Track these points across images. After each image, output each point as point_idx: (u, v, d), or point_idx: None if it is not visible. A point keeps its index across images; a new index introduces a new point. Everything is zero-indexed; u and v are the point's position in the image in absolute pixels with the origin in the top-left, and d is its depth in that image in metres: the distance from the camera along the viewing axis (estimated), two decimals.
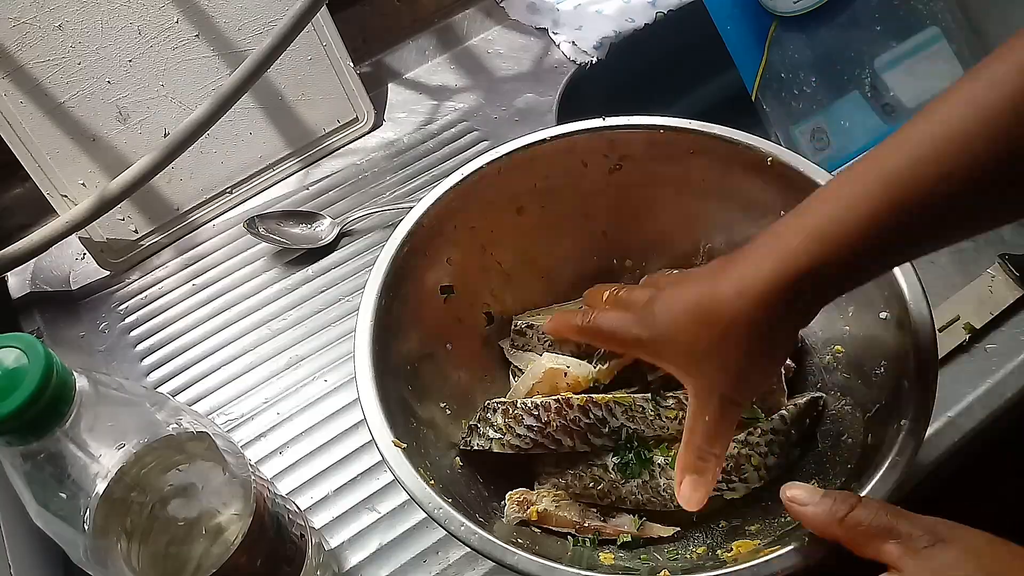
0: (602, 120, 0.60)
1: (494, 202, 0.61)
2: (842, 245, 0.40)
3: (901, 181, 0.39)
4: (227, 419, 0.68)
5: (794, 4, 0.78)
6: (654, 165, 0.61)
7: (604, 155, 0.61)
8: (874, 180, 0.40)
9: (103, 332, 0.75)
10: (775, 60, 0.79)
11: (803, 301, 0.43)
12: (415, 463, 0.47)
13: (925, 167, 0.38)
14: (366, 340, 0.52)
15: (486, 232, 0.61)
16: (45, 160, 0.74)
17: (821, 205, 0.42)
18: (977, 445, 0.63)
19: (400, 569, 0.59)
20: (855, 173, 0.41)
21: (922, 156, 0.38)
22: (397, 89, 0.92)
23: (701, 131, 0.60)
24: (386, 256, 0.55)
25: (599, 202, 0.63)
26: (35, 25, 0.71)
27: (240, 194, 0.83)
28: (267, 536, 0.47)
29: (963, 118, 0.38)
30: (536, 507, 0.52)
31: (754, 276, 0.42)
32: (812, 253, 0.41)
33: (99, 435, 0.39)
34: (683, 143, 0.60)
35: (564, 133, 0.60)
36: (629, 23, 0.93)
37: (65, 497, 0.38)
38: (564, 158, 0.61)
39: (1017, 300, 0.67)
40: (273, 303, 0.75)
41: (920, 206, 0.39)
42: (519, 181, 0.61)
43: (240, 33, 0.79)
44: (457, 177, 0.59)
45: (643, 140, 0.61)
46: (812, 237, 0.41)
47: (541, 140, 0.60)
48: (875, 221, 0.40)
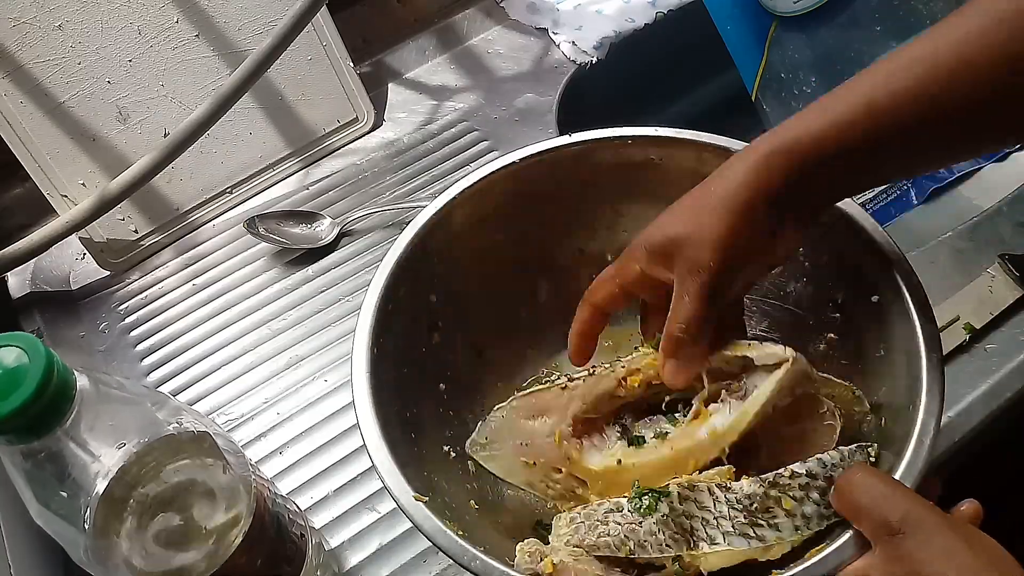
0: (569, 136, 0.60)
1: (469, 230, 0.60)
2: (816, 164, 0.44)
3: (873, 110, 0.43)
4: (227, 419, 0.68)
5: (794, 4, 0.78)
6: (623, 174, 0.61)
7: (574, 171, 0.61)
8: (843, 109, 0.43)
9: (103, 332, 0.75)
10: (775, 60, 0.79)
11: (778, 210, 0.45)
12: (439, 515, 0.46)
13: (904, 99, 0.42)
14: (366, 401, 0.50)
15: (465, 262, 0.60)
16: (45, 160, 0.74)
17: (792, 125, 0.45)
18: (977, 445, 0.63)
19: (400, 569, 0.59)
20: (826, 100, 0.45)
21: (898, 88, 0.42)
22: (397, 89, 0.92)
23: (664, 136, 0.60)
24: (368, 308, 0.54)
25: (571, 217, 0.63)
26: (35, 25, 0.71)
27: (240, 194, 0.83)
28: (267, 536, 0.47)
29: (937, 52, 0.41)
30: (551, 559, 0.48)
31: (734, 191, 0.45)
32: (782, 168, 0.44)
33: (100, 434, 0.39)
34: (647, 150, 0.60)
35: (534, 153, 0.60)
36: (629, 23, 0.93)
37: (66, 496, 0.39)
38: (535, 178, 0.61)
39: (1017, 300, 0.67)
40: (273, 303, 0.75)
41: (890, 134, 0.43)
42: (489, 207, 0.60)
43: (240, 33, 0.79)
44: (430, 211, 0.58)
45: (611, 151, 0.61)
46: (783, 155, 0.45)
47: (511, 163, 0.60)
48: (847, 144, 0.43)
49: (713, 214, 0.46)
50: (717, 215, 0.46)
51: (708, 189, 0.47)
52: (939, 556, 0.37)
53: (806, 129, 0.44)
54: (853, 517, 0.42)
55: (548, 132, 0.85)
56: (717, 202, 0.46)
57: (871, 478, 0.42)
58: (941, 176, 0.86)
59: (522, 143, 0.83)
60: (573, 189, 0.62)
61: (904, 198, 0.86)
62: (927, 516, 0.39)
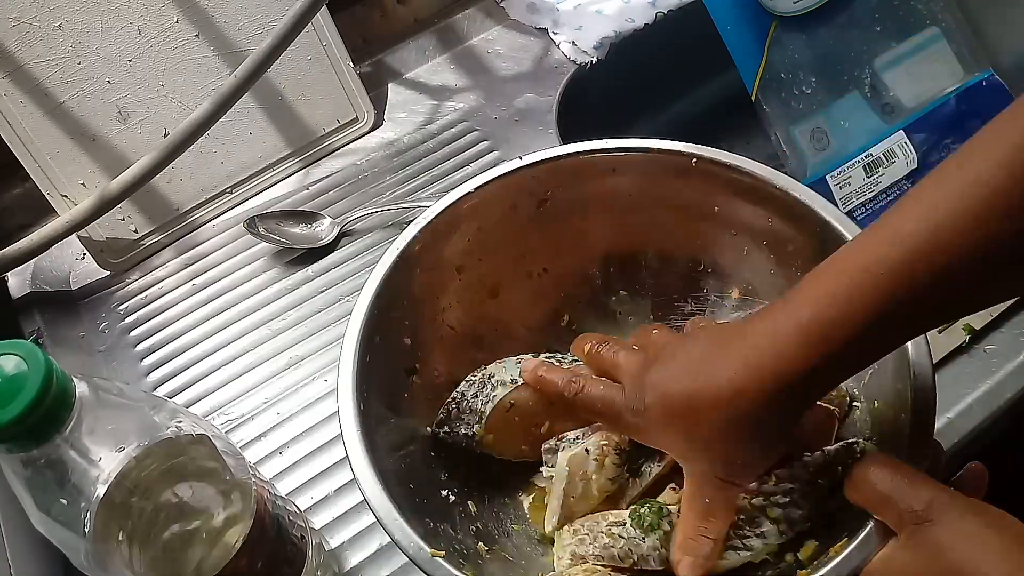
0: (520, 159, 0.59)
1: (436, 267, 0.59)
2: (843, 344, 0.39)
3: (891, 276, 0.38)
4: (227, 419, 0.68)
5: (794, 4, 0.78)
6: (578, 190, 0.60)
7: (529, 193, 0.60)
8: (857, 277, 0.39)
9: (103, 332, 0.75)
10: (775, 60, 0.79)
11: (803, 395, 0.42)
12: (457, 566, 0.45)
13: (918, 262, 0.37)
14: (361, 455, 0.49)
15: (432, 301, 0.59)
16: (45, 160, 0.74)
17: (816, 301, 0.40)
18: (977, 446, 0.63)
19: (400, 569, 0.59)
20: (834, 267, 0.40)
21: (912, 252, 0.37)
22: (397, 89, 0.92)
23: (617, 148, 0.59)
24: (349, 350, 0.52)
25: (532, 240, 0.62)
26: (35, 25, 0.71)
27: (240, 194, 0.83)
28: (268, 538, 0.47)
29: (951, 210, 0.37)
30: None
31: (751, 376, 0.41)
32: (810, 353, 0.40)
33: (99, 439, 0.39)
34: (601, 163, 0.59)
35: (487, 181, 0.59)
36: (629, 23, 0.93)
37: (66, 502, 0.39)
38: (492, 207, 0.60)
39: (1017, 300, 0.67)
40: (273, 303, 0.75)
41: (912, 303, 0.38)
42: (454, 240, 0.59)
43: (240, 33, 0.79)
44: (394, 252, 0.56)
45: (566, 169, 0.60)
46: (810, 337, 0.40)
47: (466, 194, 0.58)
48: (861, 321, 0.39)
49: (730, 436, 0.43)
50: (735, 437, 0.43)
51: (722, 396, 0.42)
52: (968, 540, 0.37)
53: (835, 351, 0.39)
54: (874, 508, 0.41)
55: (548, 132, 0.85)
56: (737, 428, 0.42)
57: (888, 468, 0.41)
58: None
59: (522, 143, 0.84)
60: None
61: None
62: (952, 501, 0.39)
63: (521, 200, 0.60)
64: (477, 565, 0.48)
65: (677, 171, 0.58)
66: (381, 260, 0.56)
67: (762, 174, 0.56)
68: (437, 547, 0.46)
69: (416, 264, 0.58)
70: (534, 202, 0.60)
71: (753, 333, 0.42)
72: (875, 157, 0.77)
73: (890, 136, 0.78)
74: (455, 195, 0.58)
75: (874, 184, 0.77)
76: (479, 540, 0.52)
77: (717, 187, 0.58)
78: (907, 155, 0.77)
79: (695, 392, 0.43)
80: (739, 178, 0.57)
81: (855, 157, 0.77)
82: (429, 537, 0.47)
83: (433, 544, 0.46)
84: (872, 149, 0.77)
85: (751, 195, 0.57)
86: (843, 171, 0.77)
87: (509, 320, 0.62)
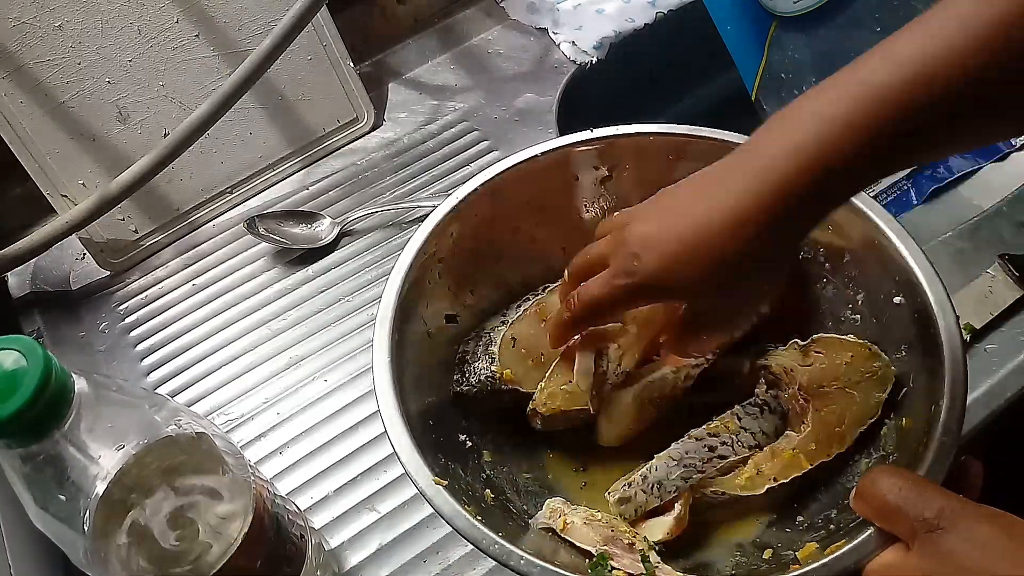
0: (591, 131, 0.60)
1: (492, 222, 0.60)
2: (829, 165, 0.39)
3: (890, 100, 0.38)
4: (227, 419, 0.68)
5: (794, 4, 0.78)
6: (641, 172, 0.61)
7: (594, 167, 0.61)
8: (861, 98, 0.39)
9: (103, 332, 0.75)
10: (775, 60, 0.79)
11: (805, 216, 0.42)
12: (459, 500, 0.46)
13: (915, 87, 0.37)
14: (387, 382, 0.51)
15: (484, 255, 0.61)
16: (45, 160, 0.74)
17: (803, 120, 0.40)
18: (977, 446, 0.63)
19: (400, 569, 0.59)
20: (838, 90, 0.40)
21: (912, 76, 0.37)
22: (397, 89, 0.92)
23: (686, 134, 0.60)
24: (391, 293, 0.54)
25: (591, 214, 0.63)
26: (35, 25, 0.71)
27: (240, 194, 0.83)
28: (267, 536, 0.47)
29: (952, 36, 0.37)
30: (566, 518, 0.51)
31: (754, 201, 0.41)
32: (800, 172, 0.40)
33: (98, 437, 0.39)
34: (668, 147, 0.60)
35: (555, 147, 0.60)
36: (629, 23, 0.93)
37: (65, 499, 0.39)
38: (556, 173, 0.61)
39: (1017, 300, 0.67)
40: (273, 303, 0.75)
41: (910, 125, 0.38)
42: (512, 200, 0.61)
43: (240, 33, 0.79)
44: (452, 201, 0.58)
45: (631, 147, 0.61)
46: (799, 156, 0.40)
47: (533, 156, 0.60)
48: (863, 140, 0.39)
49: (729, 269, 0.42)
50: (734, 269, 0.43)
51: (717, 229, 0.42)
52: (980, 546, 0.37)
53: (822, 171, 0.39)
54: (883, 519, 0.41)
55: (548, 132, 0.85)
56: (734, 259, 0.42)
57: (896, 478, 0.41)
58: (941, 176, 0.86)
59: (522, 143, 0.84)
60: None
61: (904, 198, 0.86)
62: (963, 509, 0.39)
63: (583, 172, 0.62)
64: (480, 507, 0.49)
65: None
66: (438, 208, 0.58)
67: None
68: (443, 479, 0.47)
69: (473, 216, 0.59)
70: (596, 177, 0.62)
71: (748, 162, 0.42)
72: None
73: None
74: (527, 154, 0.60)
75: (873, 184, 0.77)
76: (487, 487, 0.53)
77: None
78: None
79: (695, 229, 0.43)
80: None
81: None
82: (438, 470, 0.48)
83: (440, 477, 0.47)
84: None
85: None
86: None
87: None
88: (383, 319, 0.53)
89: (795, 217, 0.41)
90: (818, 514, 0.51)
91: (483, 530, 0.45)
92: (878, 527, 0.42)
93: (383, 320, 0.53)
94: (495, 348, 0.58)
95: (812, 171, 0.39)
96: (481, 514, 0.47)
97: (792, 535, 0.51)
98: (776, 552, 0.50)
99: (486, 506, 0.51)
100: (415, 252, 0.56)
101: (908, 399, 0.51)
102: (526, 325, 0.59)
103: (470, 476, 0.53)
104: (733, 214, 0.41)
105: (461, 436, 0.56)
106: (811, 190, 0.40)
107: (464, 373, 0.58)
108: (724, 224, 0.42)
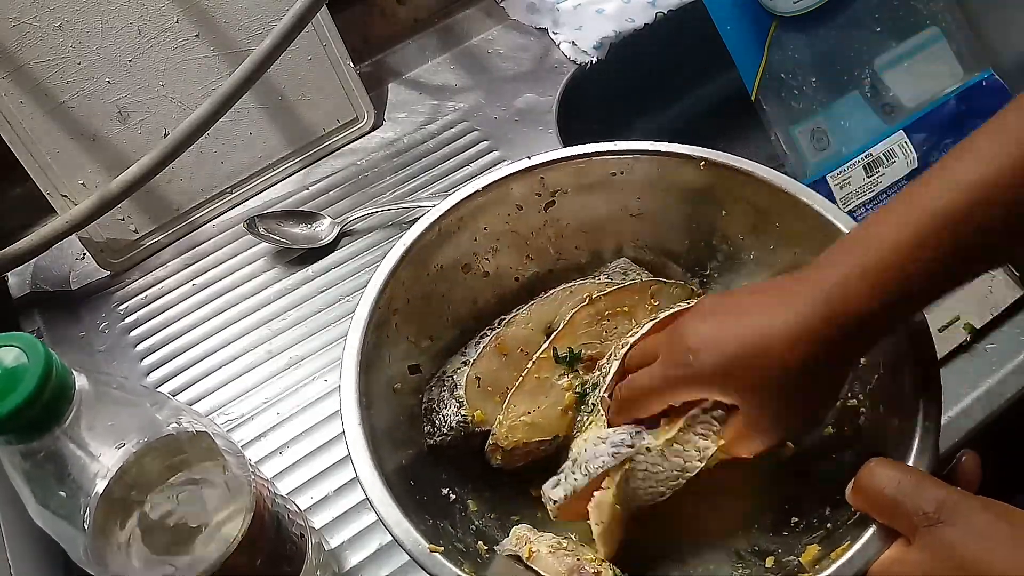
0: (528, 159, 0.60)
1: (441, 263, 0.60)
2: (898, 289, 0.41)
3: (956, 222, 0.39)
4: (227, 419, 0.68)
5: (794, 4, 0.78)
6: (583, 193, 0.61)
7: (536, 194, 0.61)
8: (925, 222, 0.40)
9: (103, 332, 0.75)
10: (775, 60, 0.79)
11: (866, 337, 0.43)
12: (455, 563, 0.46)
13: (981, 207, 0.39)
14: (362, 446, 0.49)
15: (438, 297, 0.60)
16: (45, 160, 0.74)
17: (868, 245, 0.42)
18: (977, 444, 0.62)
19: (400, 569, 0.59)
20: (897, 214, 0.41)
21: (977, 198, 0.39)
22: (397, 89, 0.92)
23: (624, 150, 0.59)
24: (351, 353, 0.52)
25: (540, 241, 0.63)
26: (35, 25, 0.71)
27: (240, 194, 0.83)
28: (267, 536, 0.47)
29: (1011, 156, 0.39)
30: (531, 546, 0.50)
31: (809, 316, 0.42)
32: (877, 295, 0.41)
33: (99, 434, 0.39)
34: (607, 165, 0.60)
35: (495, 180, 0.59)
36: (629, 23, 0.93)
37: (65, 496, 0.38)
38: (499, 206, 0.60)
39: (1017, 300, 0.67)
40: (273, 303, 0.75)
41: (974, 246, 0.40)
42: (460, 238, 0.60)
43: (240, 33, 0.79)
44: (400, 249, 0.57)
45: (569, 171, 0.60)
46: (866, 276, 0.41)
47: (475, 192, 0.59)
48: (926, 262, 0.40)
49: (789, 383, 0.43)
50: (794, 384, 0.43)
51: (779, 341, 0.42)
52: (980, 536, 0.37)
53: (890, 295, 0.41)
54: (883, 513, 0.41)
55: (548, 132, 0.85)
56: (794, 375, 0.42)
57: (894, 471, 0.41)
58: None
59: (522, 143, 0.84)
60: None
61: None
62: (961, 500, 0.39)
63: (527, 201, 0.61)
64: (476, 564, 0.48)
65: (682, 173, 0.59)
66: (387, 255, 0.57)
67: (769, 178, 0.56)
68: (436, 544, 0.46)
69: (424, 260, 0.58)
70: (539, 204, 0.61)
71: (817, 279, 0.43)
72: (875, 157, 0.77)
73: (890, 136, 0.78)
74: (461, 195, 0.59)
75: (874, 184, 0.77)
76: (479, 539, 0.52)
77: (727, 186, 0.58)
78: (907, 155, 0.77)
79: (759, 335, 0.43)
80: (750, 183, 0.57)
81: (855, 157, 0.77)
82: (429, 534, 0.47)
83: (432, 541, 0.46)
84: (872, 149, 0.77)
85: (762, 200, 0.57)
86: (843, 171, 0.77)
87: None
88: (347, 383, 0.51)
89: (856, 336, 0.42)
90: (811, 513, 0.50)
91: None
92: (878, 523, 0.42)
93: (348, 385, 0.51)
94: (461, 391, 0.56)
95: (878, 293, 0.41)
96: (479, 571, 0.46)
97: (790, 538, 0.50)
98: (778, 559, 0.49)
99: (482, 560, 0.51)
100: (371, 306, 0.54)
101: (882, 384, 0.51)
102: (487, 362, 0.57)
103: (460, 531, 0.52)
104: (799, 326, 0.42)
105: (444, 490, 0.55)
106: (876, 310, 0.41)
107: (434, 423, 0.56)
108: (789, 334, 0.42)
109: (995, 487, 0.44)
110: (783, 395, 0.44)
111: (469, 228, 0.60)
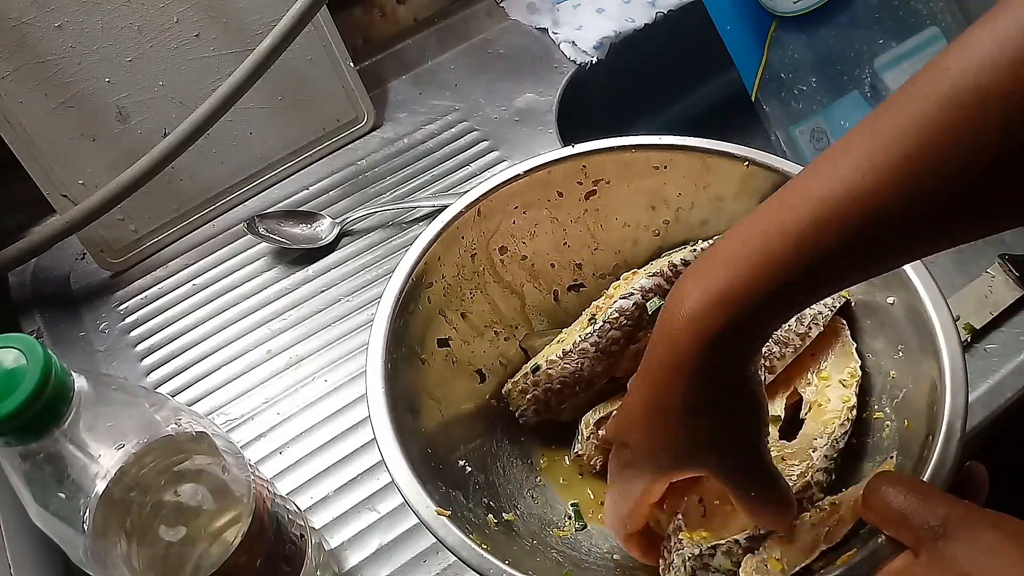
0: (572, 147, 0.60)
1: (476, 243, 0.60)
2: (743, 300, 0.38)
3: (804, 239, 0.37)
4: (227, 419, 0.68)
5: (794, 4, 0.78)
6: (626, 184, 0.61)
7: (578, 182, 0.61)
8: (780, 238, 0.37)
9: (103, 332, 0.75)
10: (775, 60, 0.79)
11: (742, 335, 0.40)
12: (463, 529, 0.46)
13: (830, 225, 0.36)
14: (383, 412, 0.50)
15: (471, 275, 0.61)
16: (45, 160, 0.74)
17: (718, 263, 0.39)
18: (977, 446, 0.63)
19: (400, 569, 0.59)
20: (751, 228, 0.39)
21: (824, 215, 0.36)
22: (397, 89, 0.92)
23: (670, 144, 0.59)
24: (382, 318, 0.53)
25: (577, 229, 0.63)
26: (35, 25, 0.71)
27: (240, 194, 0.83)
28: (266, 536, 0.47)
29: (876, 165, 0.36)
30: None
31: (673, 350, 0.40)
32: (743, 279, 0.38)
33: (98, 435, 0.39)
34: (651, 159, 0.60)
35: (538, 165, 0.60)
36: (629, 23, 0.93)
37: (64, 497, 0.39)
38: (540, 191, 0.61)
39: (1017, 300, 0.67)
40: (273, 303, 0.75)
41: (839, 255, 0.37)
42: (497, 220, 0.60)
43: (240, 33, 0.79)
44: (438, 225, 0.57)
45: (614, 161, 0.60)
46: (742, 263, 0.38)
47: (515, 176, 0.59)
48: (782, 284, 0.38)
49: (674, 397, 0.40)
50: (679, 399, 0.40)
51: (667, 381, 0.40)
52: (986, 553, 0.37)
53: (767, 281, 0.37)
54: (889, 526, 0.41)
55: (548, 132, 0.85)
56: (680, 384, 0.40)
57: (901, 484, 0.41)
58: None
59: (522, 143, 0.84)
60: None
61: None
62: (967, 515, 0.38)
63: (567, 188, 0.61)
64: (484, 535, 0.48)
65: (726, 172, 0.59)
66: (426, 229, 0.58)
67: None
68: (446, 510, 0.46)
69: (460, 238, 0.59)
70: (580, 192, 0.61)
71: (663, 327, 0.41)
72: None
73: None
74: (503, 176, 0.60)
75: None
76: (488, 512, 0.53)
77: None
78: None
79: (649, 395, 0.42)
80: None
81: None
82: (440, 500, 0.47)
83: (444, 507, 0.46)
84: None
85: None
86: None
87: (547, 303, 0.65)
88: (375, 349, 0.52)
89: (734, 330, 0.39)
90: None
91: (489, 559, 0.45)
92: (887, 535, 0.42)
93: (375, 350, 0.52)
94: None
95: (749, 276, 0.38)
96: (485, 541, 0.46)
97: None
98: None
99: (490, 532, 0.51)
100: (403, 278, 0.55)
101: (908, 400, 0.51)
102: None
103: (472, 502, 0.52)
104: (669, 360, 0.40)
105: (460, 462, 0.55)
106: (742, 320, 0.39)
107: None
108: (663, 371, 0.41)
109: (995, 487, 0.44)
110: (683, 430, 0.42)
111: (508, 211, 0.60)
